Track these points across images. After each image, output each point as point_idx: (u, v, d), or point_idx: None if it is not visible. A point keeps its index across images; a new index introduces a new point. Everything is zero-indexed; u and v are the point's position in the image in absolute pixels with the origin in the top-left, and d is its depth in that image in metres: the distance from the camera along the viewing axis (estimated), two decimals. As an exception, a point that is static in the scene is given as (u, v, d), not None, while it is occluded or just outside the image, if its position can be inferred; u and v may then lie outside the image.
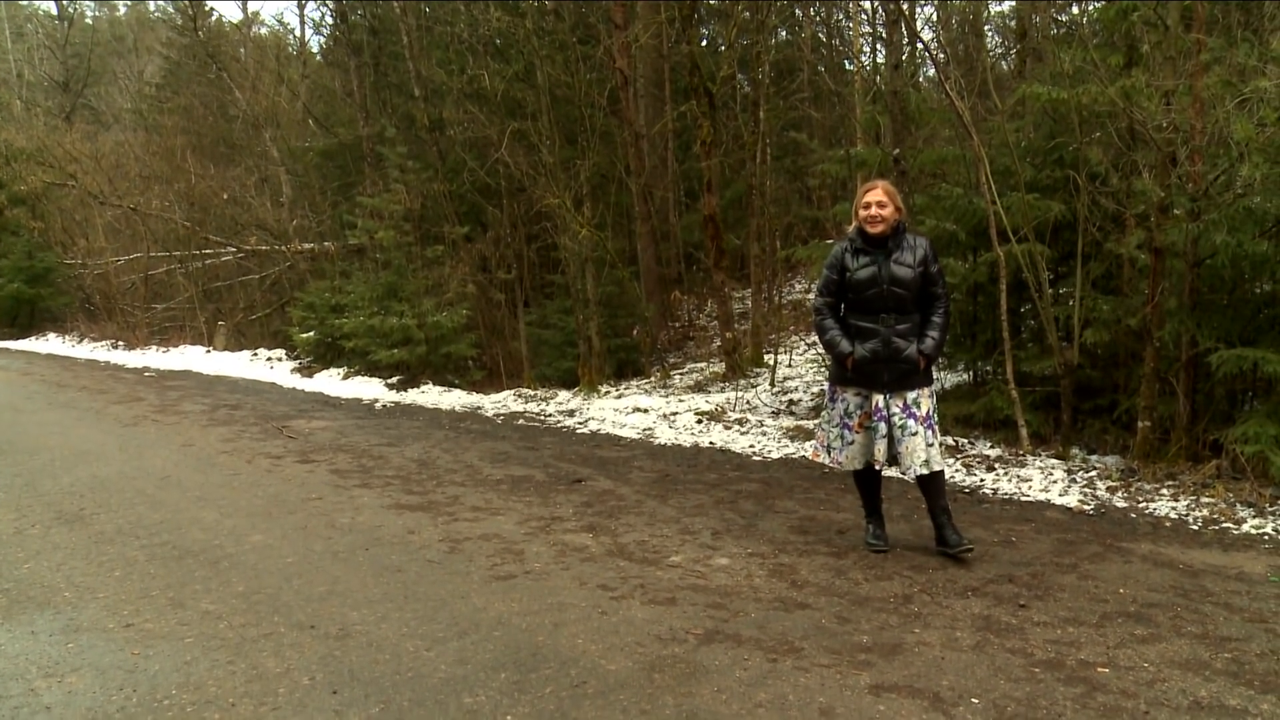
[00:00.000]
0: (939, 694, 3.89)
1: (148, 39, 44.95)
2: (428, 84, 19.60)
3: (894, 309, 5.65)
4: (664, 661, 4.24)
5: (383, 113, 21.88)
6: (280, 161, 25.26)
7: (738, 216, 19.79)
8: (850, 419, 5.86)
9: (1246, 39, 8.36)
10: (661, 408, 12.09)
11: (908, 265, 5.63)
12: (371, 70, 22.54)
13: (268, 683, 4.09)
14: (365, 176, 21.13)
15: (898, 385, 5.67)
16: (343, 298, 17.94)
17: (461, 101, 18.06)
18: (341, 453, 9.70)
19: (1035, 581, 5.36)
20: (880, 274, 5.63)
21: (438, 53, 19.68)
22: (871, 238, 5.69)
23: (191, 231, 23.77)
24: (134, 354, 22.48)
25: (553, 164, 15.75)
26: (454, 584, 5.43)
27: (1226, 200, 7.69)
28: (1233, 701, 3.81)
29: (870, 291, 5.66)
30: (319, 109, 26.82)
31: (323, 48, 30.53)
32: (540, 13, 18.14)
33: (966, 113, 9.63)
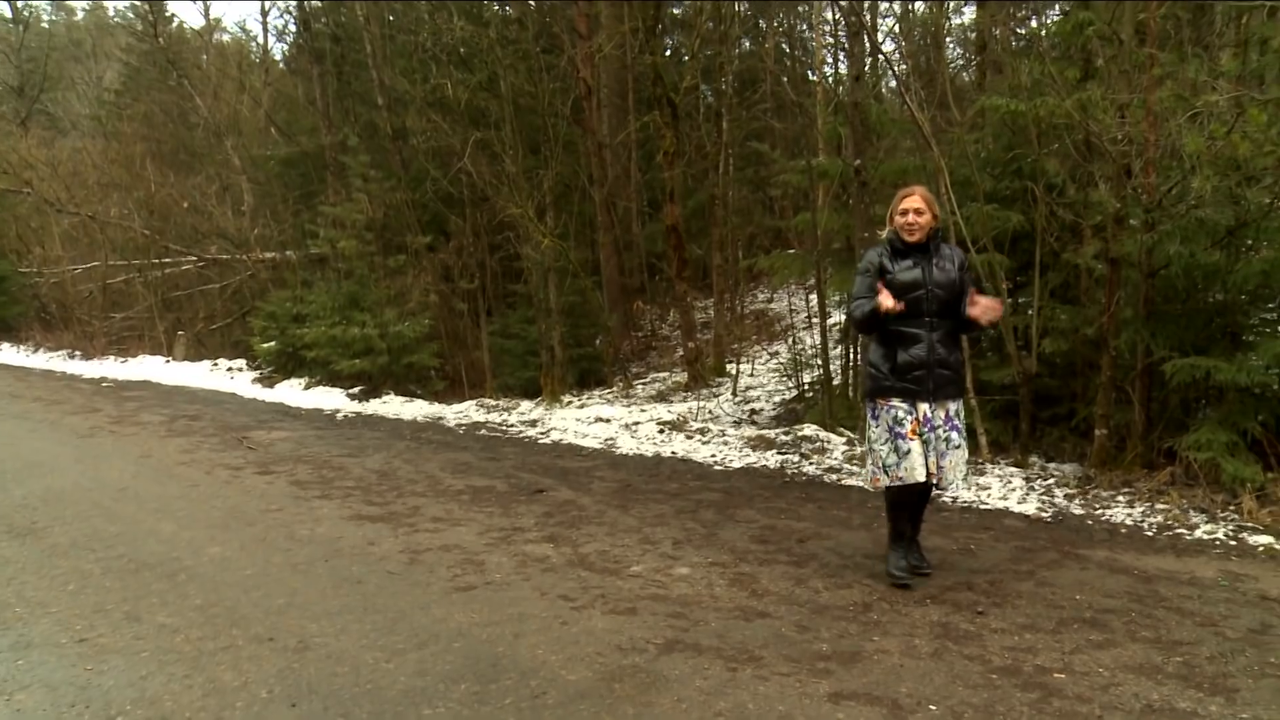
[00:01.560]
0: (897, 701, 3.92)
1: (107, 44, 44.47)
2: (391, 92, 19.54)
3: (937, 313, 5.44)
4: (624, 671, 4.25)
5: (345, 121, 21.77)
6: (242, 170, 25.06)
7: (700, 226, 19.86)
8: (902, 427, 5.46)
9: (1197, 55, 8.49)
10: (624, 417, 12.10)
11: (949, 270, 5.47)
12: (334, 78, 22.44)
13: (225, 696, 4.06)
14: (328, 185, 21.01)
15: (941, 394, 5.47)
16: (304, 307, 17.82)
17: (425, 110, 18.02)
18: (302, 464, 9.64)
19: (993, 589, 5.41)
20: (925, 276, 5.43)
21: (401, 61, 19.63)
22: (910, 243, 5.49)
23: (151, 240, 23.55)
24: (91, 364, 22.21)
25: (516, 173, 15.74)
26: (414, 595, 5.42)
27: (1179, 212, 7.80)
28: (1183, 704, 3.86)
29: (915, 294, 5.41)
30: (281, 117, 26.65)
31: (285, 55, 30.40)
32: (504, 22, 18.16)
33: (927, 124, 9.72)
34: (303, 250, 20.85)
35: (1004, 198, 9.65)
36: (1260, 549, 6.21)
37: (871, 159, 10.81)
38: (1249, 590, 5.35)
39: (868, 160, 10.35)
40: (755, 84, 22.04)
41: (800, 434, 10.23)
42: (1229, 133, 7.14)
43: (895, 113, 12.42)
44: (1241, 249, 7.87)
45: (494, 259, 19.31)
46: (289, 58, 29.13)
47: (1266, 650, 4.42)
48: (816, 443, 9.90)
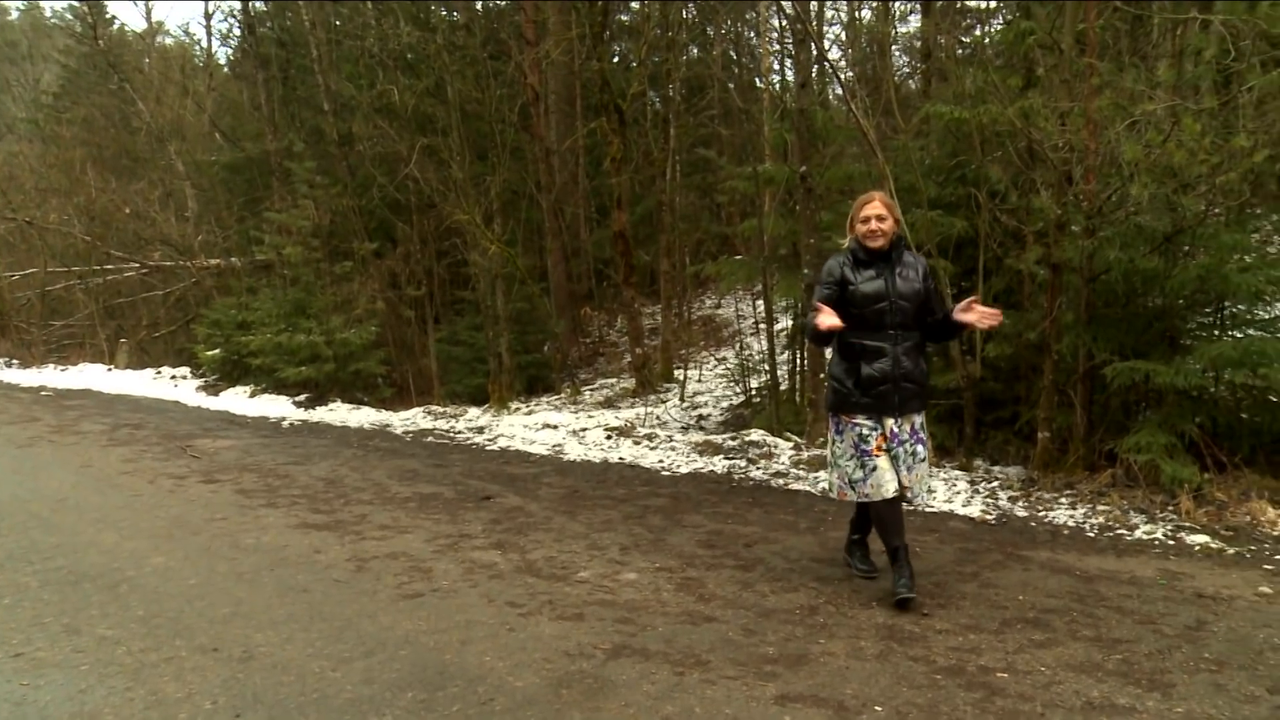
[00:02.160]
0: (843, 702, 3.96)
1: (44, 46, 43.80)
2: (337, 98, 19.45)
3: (901, 324, 5.26)
4: (571, 677, 4.25)
5: (291, 127, 21.62)
6: (185, 175, 24.79)
7: (648, 233, 19.90)
8: (867, 443, 5.31)
9: (1135, 64, 8.64)
10: (571, 424, 12.10)
11: (913, 280, 5.29)
12: (280, 83, 22.29)
13: (168, 708, 4.02)
14: (273, 191, 20.85)
15: (907, 408, 5.31)
16: (249, 314, 17.66)
17: (371, 116, 17.94)
18: (247, 472, 9.55)
19: (938, 590, 5.47)
20: (888, 286, 5.24)
21: (347, 67, 19.53)
22: (872, 250, 5.29)
23: (92, 246, 23.21)
24: (30, 373, 21.85)
25: (463, 180, 15.71)
26: (361, 603, 5.39)
27: (1119, 218, 7.94)
28: (1122, 700, 3.93)
29: (878, 305, 5.23)
30: (225, 122, 26.40)
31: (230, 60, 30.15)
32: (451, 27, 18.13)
33: (871, 131, 9.81)
34: (248, 257, 20.68)
35: (948, 204, 9.76)
36: (1197, 548, 6.33)
37: (817, 165, 10.90)
38: (1186, 588, 5.45)
39: (813, 167, 10.43)
40: (703, 91, 22.14)
41: (747, 439, 10.28)
42: (1165, 141, 7.27)
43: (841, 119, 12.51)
44: (1179, 255, 8.00)
45: (441, 266, 19.25)
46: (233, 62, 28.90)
47: (1201, 646, 4.51)
48: (764, 448, 9.96)
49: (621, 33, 23.31)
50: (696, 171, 20.95)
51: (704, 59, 22.74)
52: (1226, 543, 6.42)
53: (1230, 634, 4.70)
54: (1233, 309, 8.27)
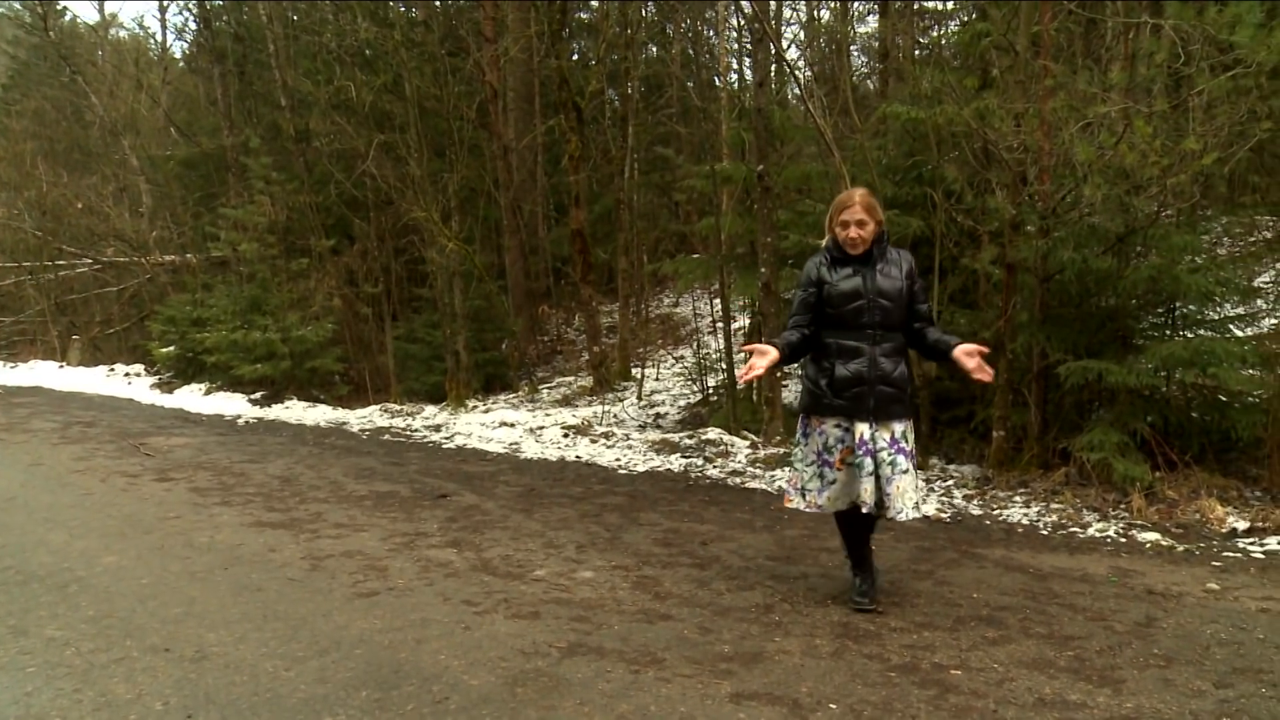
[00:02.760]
0: (798, 700, 3.97)
1: (-10, 36, 43.11)
2: (294, 94, 19.29)
3: (880, 324, 4.95)
4: (527, 675, 4.24)
5: (247, 122, 21.45)
6: (140, 170, 24.54)
7: (606, 231, 19.91)
8: (830, 454, 5.06)
9: (1088, 67, 8.73)
10: (528, 422, 12.08)
11: (895, 278, 4.98)
12: (236, 78, 22.08)
13: (117, 710, 3.96)
14: (229, 187, 20.67)
15: (884, 414, 4.94)
16: (205, 311, 17.52)
17: (328, 112, 17.82)
18: (201, 470, 9.47)
19: (893, 588, 5.49)
20: (866, 285, 4.94)
21: (305, 62, 19.39)
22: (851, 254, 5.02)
23: (43, 242, 22.93)
24: (-21, 369, 21.58)
25: (420, 177, 15.65)
26: (315, 602, 5.35)
27: (1072, 219, 8.03)
28: (1073, 696, 3.97)
29: (855, 304, 4.95)
30: (181, 117, 26.12)
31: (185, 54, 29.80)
32: (409, 24, 18.03)
33: (829, 130, 9.86)
34: (203, 253, 20.51)
35: (904, 203, 9.82)
36: (1148, 545, 6.40)
37: (775, 164, 10.94)
38: (1137, 585, 5.51)
39: (771, 166, 10.47)
40: (661, 89, 22.19)
41: (704, 437, 10.31)
42: (1117, 143, 7.36)
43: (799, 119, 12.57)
44: (1131, 255, 8.11)
45: (399, 263, 19.16)
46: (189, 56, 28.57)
47: (1151, 642, 4.56)
48: (720, 446, 9.99)
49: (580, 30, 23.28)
50: (655, 170, 20.99)
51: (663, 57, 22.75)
52: (1176, 540, 6.50)
53: (1179, 630, 4.76)
54: (1183, 309, 8.38)
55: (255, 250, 16.74)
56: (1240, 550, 6.25)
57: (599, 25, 19.01)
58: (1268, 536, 6.47)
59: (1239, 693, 3.97)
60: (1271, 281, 10.45)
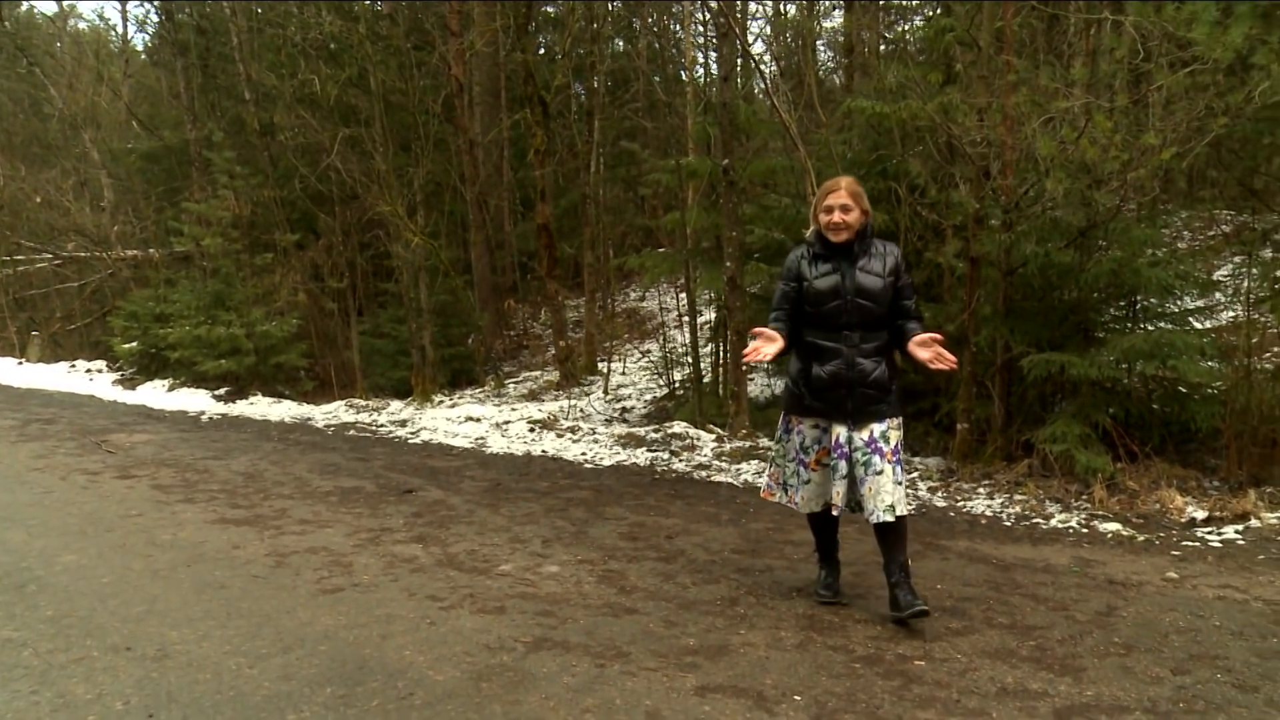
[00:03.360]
0: (763, 693, 3.99)
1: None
2: (258, 87, 19.16)
3: (860, 324, 4.74)
4: (492, 670, 4.24)
5: (211, 116, 21.26)
6: (101, 164, 24.28)
7: (572, 225, 19.91)
8: (806, 455, 4.96)
9: (1050, 62, 8.80)
10: (494, 417, 12.06)
11: (876, 274, 4.74)
12: (199, 71, 21.90)
13: (76, 710, 3.93)
14: (192, 181, 20.50)
15: (863, 415, 4.76)
16: (168, 307, 17.38)
17: (293, 106, 17.71)
18: (164, 467, 9.39)
19: (858, 580, 5.52)
20: (844, 283, 4.73)
21: (269, 56, 19.26)
22: (832, 244, 4.80)
23: (1, 236, 22.64)
24: (-64, 366, 21.31)
25: (386, 171, 15.58)
26: (279, 599, 5.32)
27: (1035, 213, 8.09)
28: (1035, 685, 4.01)
29: (832, 304, 4.75)
30: (143, 110, 25.84)
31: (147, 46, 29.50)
32: (374, 17, 17.94)
33: (793, 125, 9.89)
34: (166, 248, 20.33)
35: (869, 198, 9.84)
36: (1109, 535, 6.47)
37: (740, 159, 10.97)
38: (1098, 575, 5.57)
39: (736, 160, 10.49)
40: (627, 83, 22.17)
41: (670, 431, 10.33)
42: (1079, 138, 7.43)
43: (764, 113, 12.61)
44: (1093, 249, 8.18)
45: (364, 257, 19.08)
46: (151, 49, 28.28)
47: (1111, 631, 4.61)
48: (686, 440, 10.01)
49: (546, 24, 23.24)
50: (621, 164, 20.99)
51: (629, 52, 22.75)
52: (1137, 530, 6.57)
53: (1138, 618, 4.82)
54: (1144, 302, 8.47)
55: (219, 245, 16.62)
56: (1199, 539, 6.33)
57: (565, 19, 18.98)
58: (1225, 526, 6.55)
59: (1196, 679, 4.02)
60: (1230, 275, 10.57)
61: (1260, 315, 8.90)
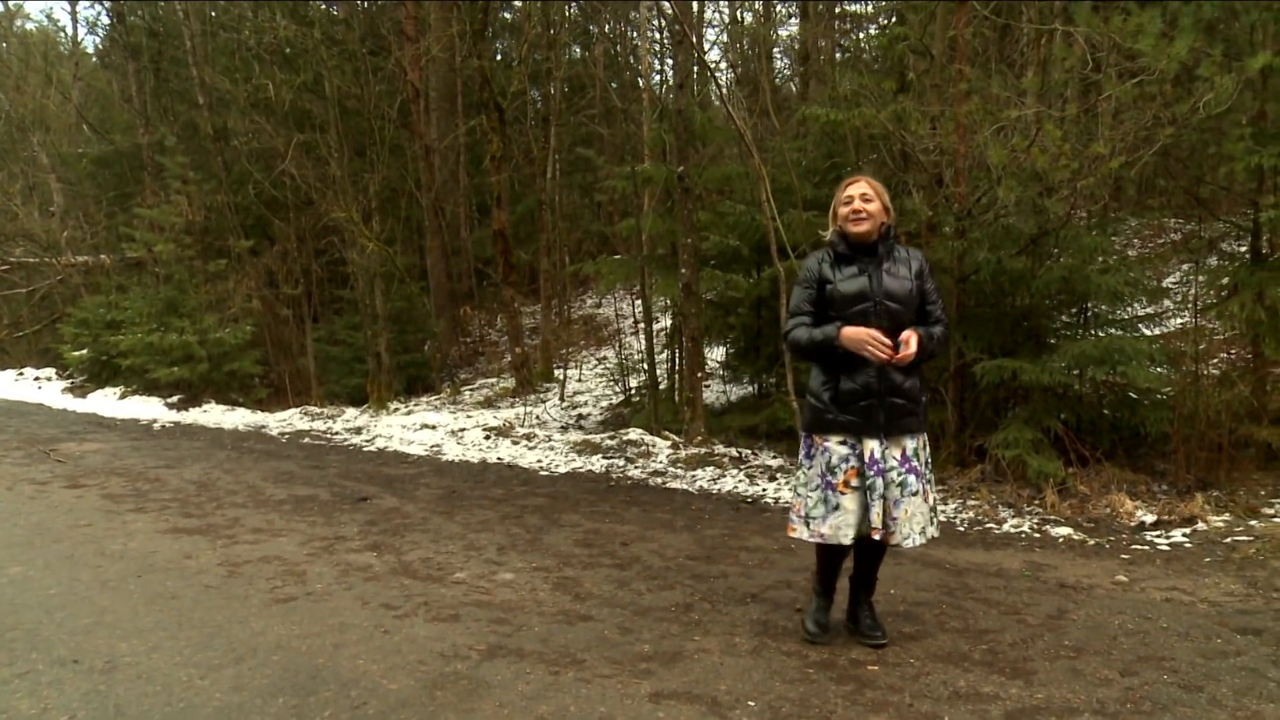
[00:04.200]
0: (716, 698, 3.99)
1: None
2: (212, 91, 18.99)
3: (888, 330, 4.36)
4: (446, 679, 4.22)
5: (163, 120, 21.08)
6: (50, 168, 23.97)
7: (529, 231, 19.89)
8: (834, 475, 4.46)
9: (1002, 71, 8.90)
10: (450, 424, 12.02)
11: (904, 277, 4.44)
12: (152, 75, 21.69)
13: (23, 722, 3.88)
14: (144, 186, 20.33)
15: (895, 429, 4.41)
16: (119, 313, 17.21)
17: (247, 111, 17.58)
18: (115, 476, 9.29)
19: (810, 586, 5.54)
20: (872, 286, 4.39)
21: (223, 60, 19.10)
22: (857, 242, 4.46)
23: (-55, 242, 22.33)
24: (-120, 374, 20.95)
25: (341, 177, 15.50)
26: (232, 609, 5.27)
27: (987, 220, 8.17)
28: (987, 689, 4.04)
29: (859, 307, 4.40)
30: (94, 114, 25.57)
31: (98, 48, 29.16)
32: (329, 22, 17.85)
33: (748, 132, 9.93)
34: (117, 254, 20.14)
35: (824, 205, 9.86)
36: (1060, 540, 6.54)
37: (695, 165, 11.00)
38: (1049, 579, 5.63)
39: (691, 167, 10.52)
40: (584, 90, 22.18)
41: (626, 438, 10.33)
42: (1030, 146, 7.51)
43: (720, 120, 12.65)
44: (1044, 256, 8.27)
45: (319, 264, 18.97)
46: (102, 51, 27.94)
47: (1062, 634, 4.66)
48: (642, 446, 10.02)
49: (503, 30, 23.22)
50: (577, 171, 21.00)
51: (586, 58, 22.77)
52: (1088, 534, 6.65)
53: (1089, 621, 4.87)
54: (1095, 309, 8.57)
55: (172, 251, 16.47)
56: (1148, 543, 6.41)
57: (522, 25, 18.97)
58: (1173, 529, 6.64)
59: (1143, 680, 4.07)
60: (1178, 282, 10.72)
61: (1207, 322, 9.04)
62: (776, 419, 9.72)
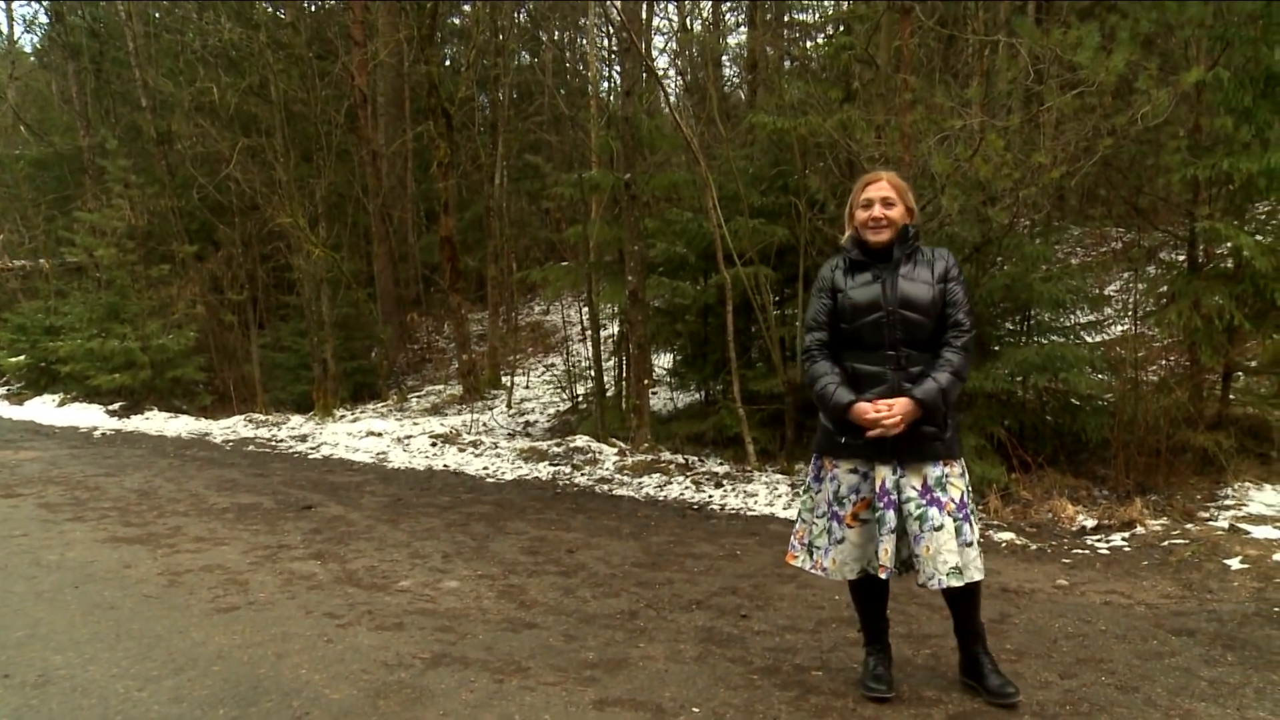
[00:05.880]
0: (661, 705, 3.99)
1: None
2: (155, 94, 18.76)
3: (906, 342, 3.91)
4: (389, 688, 4.19)
5: (105, 122, 20.77)
6: (-16, 171, 23.56)
7: (477, 238, 19.83)
8: (841, 506, 4.04)
9: (946, 81, 8.99)
10: (396, 431, 11.95)
11: (924, 282, 3.94)
12: (93, 76, 21.37)
13: (-47, 738, 3.80)
14: (85, 190, 20.02)
15: (912, 455, 3.90)
16: (58, 319, 16.97)
17: (191, 114, 17.39)
18: (52, 485, 9.13)
19: (757, 592, 5.57)
20: (886, 294, 3.93)
21: (166, 62, 18.90)
22: (872, 248, 4.02)
23: (-123, 245, 21.88)
24: None
25: (287, 182, 15.38)
26: (172, 619, 5.20)
27: (932, 228, 8.24)
28: (929, 693, 4.07)
29: (871, 318, 3.94)
30: (31, 115, 25.14)
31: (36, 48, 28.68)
32: (275, 25, 17.70)
33: (695, 139, 9.96)
34: (57, 258, 19.84)
35: (770, 212, 9.98)
36: (1003, 545, 6.61)
37: (643, 173, 11.02)
38: (992, 584, 5.68)
39: (639, 174, 10.54)
40: (532, 97, 22.17)
41: (573, 445, 10.32)
42: (973, 155, 7.59)
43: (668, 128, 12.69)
44: (987, 264, 8.36)
45: (265, 269, 18.81)
46: (40, 51, 27.50)
47: (1004, 638, 4.71)
48: (588, 453, 10.01)
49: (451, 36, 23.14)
50: (525, 177, 20.96)
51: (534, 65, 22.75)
52: (1030, 539, 6.73)
53: (1030, 625, 4.93)
54: (1037, 316, 8.68)
55: (113, 256, 16.25)
56: (1088, 547, 6.50)
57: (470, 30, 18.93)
58: (1113, 533, 6.74)
59: (1082, 682, 4.13)
60: (1120, 290, 10.88)
61: (1147, 329, 9.18)
62: (723, 426, 9.76)
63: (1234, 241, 7.36)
